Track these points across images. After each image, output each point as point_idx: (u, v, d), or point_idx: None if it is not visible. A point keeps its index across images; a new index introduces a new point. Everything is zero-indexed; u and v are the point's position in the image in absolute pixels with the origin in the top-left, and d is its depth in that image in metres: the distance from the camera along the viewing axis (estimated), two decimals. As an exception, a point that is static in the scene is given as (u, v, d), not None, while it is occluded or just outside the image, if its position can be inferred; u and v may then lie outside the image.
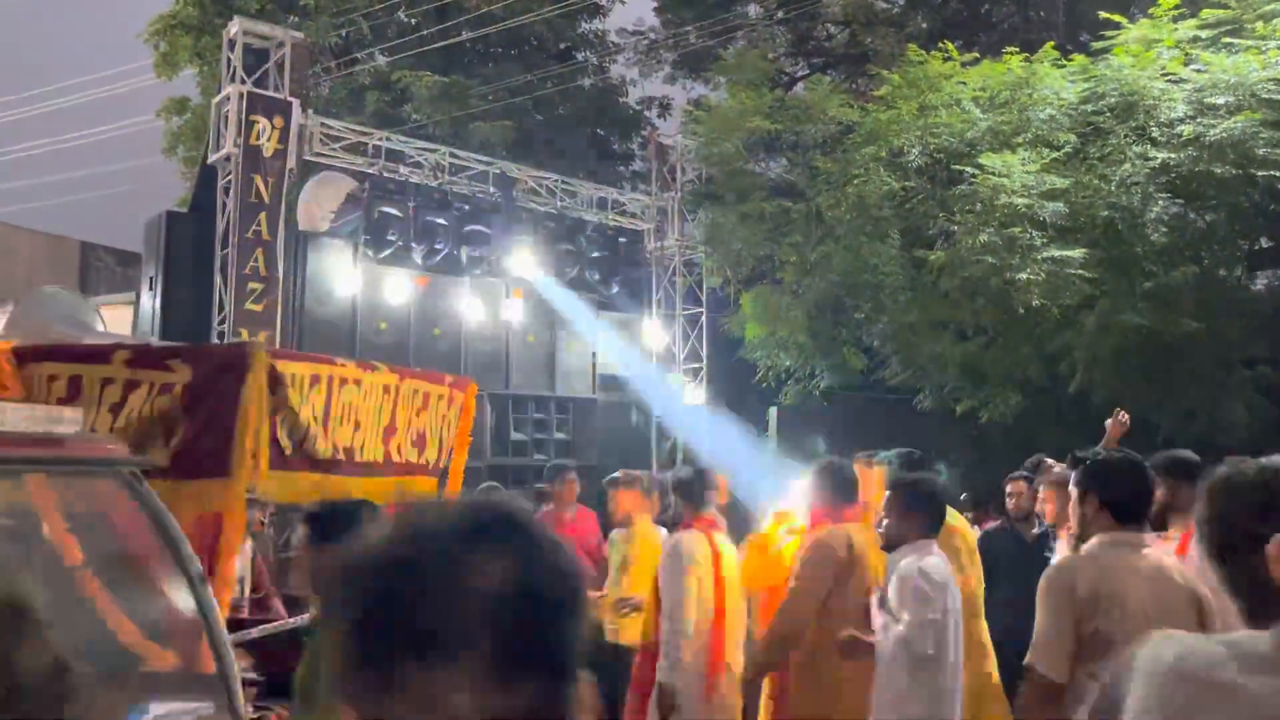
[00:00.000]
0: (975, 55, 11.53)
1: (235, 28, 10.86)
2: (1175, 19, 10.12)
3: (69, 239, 21.39)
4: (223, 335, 10.18)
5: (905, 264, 10.96)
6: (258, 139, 10.47)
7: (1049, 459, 5.62)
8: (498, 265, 12.19)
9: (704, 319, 14.18)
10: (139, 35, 17.31)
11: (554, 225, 12.90)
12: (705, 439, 13.96)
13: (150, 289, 10.83)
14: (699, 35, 18.11)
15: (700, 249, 13.83)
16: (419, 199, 11.59)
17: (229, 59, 10.76)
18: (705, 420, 14.11)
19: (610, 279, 13.31)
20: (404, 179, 11.77)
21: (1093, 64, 10.40)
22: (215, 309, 10.38)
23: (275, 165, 10.58)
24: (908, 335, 11.32)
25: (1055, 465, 5.13)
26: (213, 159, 10.78)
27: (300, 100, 11.07)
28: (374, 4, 16.76)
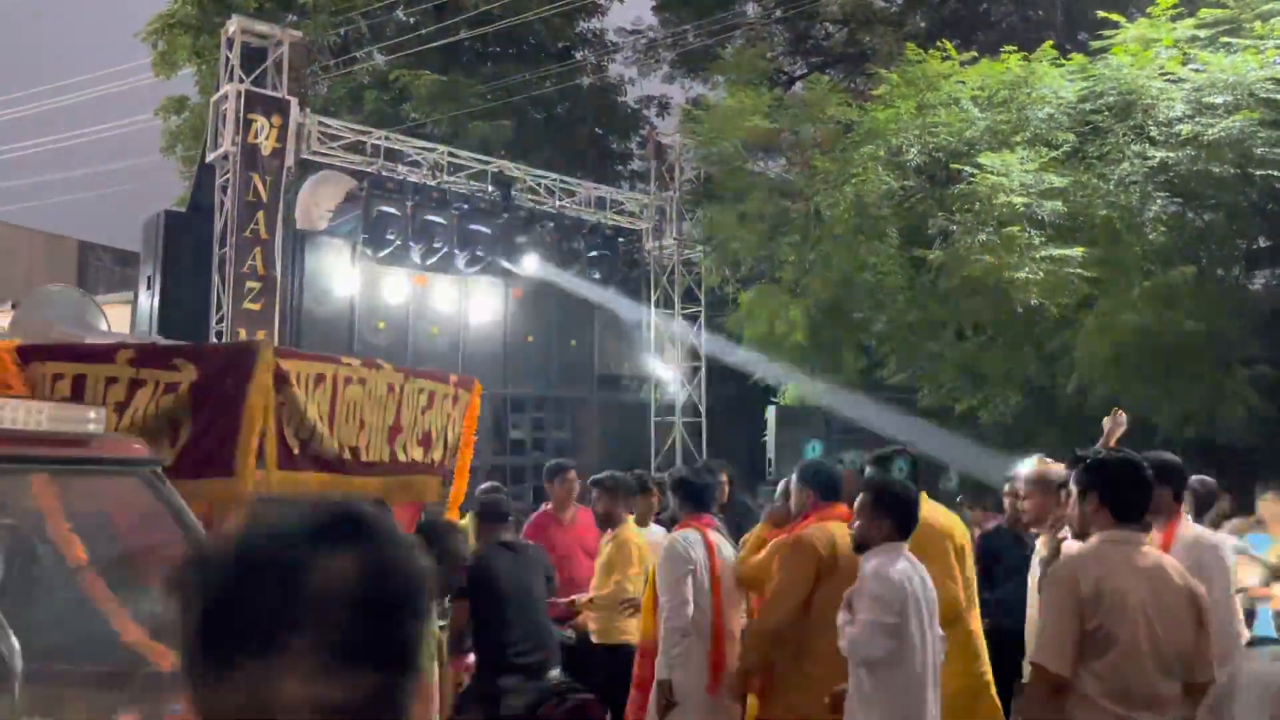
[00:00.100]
0: (974, 54, 11.54)
1: (234, 26, 10.85)
2: (1173, 18, 10.14)
3: (67, 238, 21.40)
4: (220, 334, 10.17)
5: (904, 263, 10.97)
6: (256, 138, 10.47)
7: (1049, 459, 5.61)
8: (496, 265, 12.19)
9: (702, 318, 14.18)
10: (137, 34, 17.28)
11: (552, 224, 12.89)
12: (703, 438, 14.01)
13: (148, 288, 10.82)
14: (697, 34, 18.10)
15: (699, 248, 13.84)
16: (417, 198, 11.57)
17: (227, 58, 10.76)
18: (703, 420, 14.14)
19: (609, 278, 13.29)
20: (402, 178, 11.75)
21: (1091, 63, 10.42)
22: (213, 308, 10.37)
23: (273, 164, 10.58)
24: (906, 335, 11.32)
25: (1052, 465, 5.12)
26: (211, 158, 10.78)
27: (299, 99, 11.07)
28: (372, 3, 16.74)
